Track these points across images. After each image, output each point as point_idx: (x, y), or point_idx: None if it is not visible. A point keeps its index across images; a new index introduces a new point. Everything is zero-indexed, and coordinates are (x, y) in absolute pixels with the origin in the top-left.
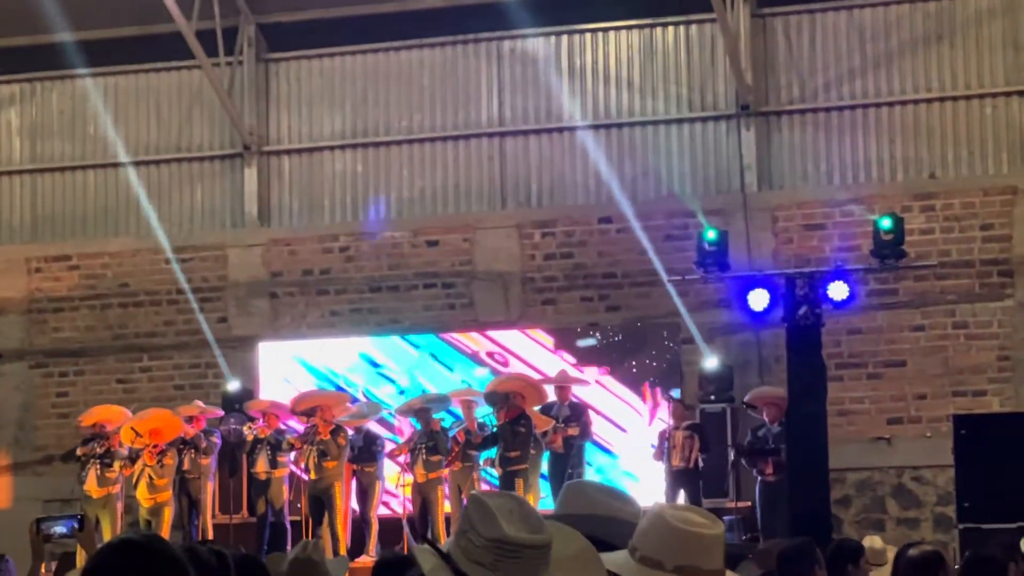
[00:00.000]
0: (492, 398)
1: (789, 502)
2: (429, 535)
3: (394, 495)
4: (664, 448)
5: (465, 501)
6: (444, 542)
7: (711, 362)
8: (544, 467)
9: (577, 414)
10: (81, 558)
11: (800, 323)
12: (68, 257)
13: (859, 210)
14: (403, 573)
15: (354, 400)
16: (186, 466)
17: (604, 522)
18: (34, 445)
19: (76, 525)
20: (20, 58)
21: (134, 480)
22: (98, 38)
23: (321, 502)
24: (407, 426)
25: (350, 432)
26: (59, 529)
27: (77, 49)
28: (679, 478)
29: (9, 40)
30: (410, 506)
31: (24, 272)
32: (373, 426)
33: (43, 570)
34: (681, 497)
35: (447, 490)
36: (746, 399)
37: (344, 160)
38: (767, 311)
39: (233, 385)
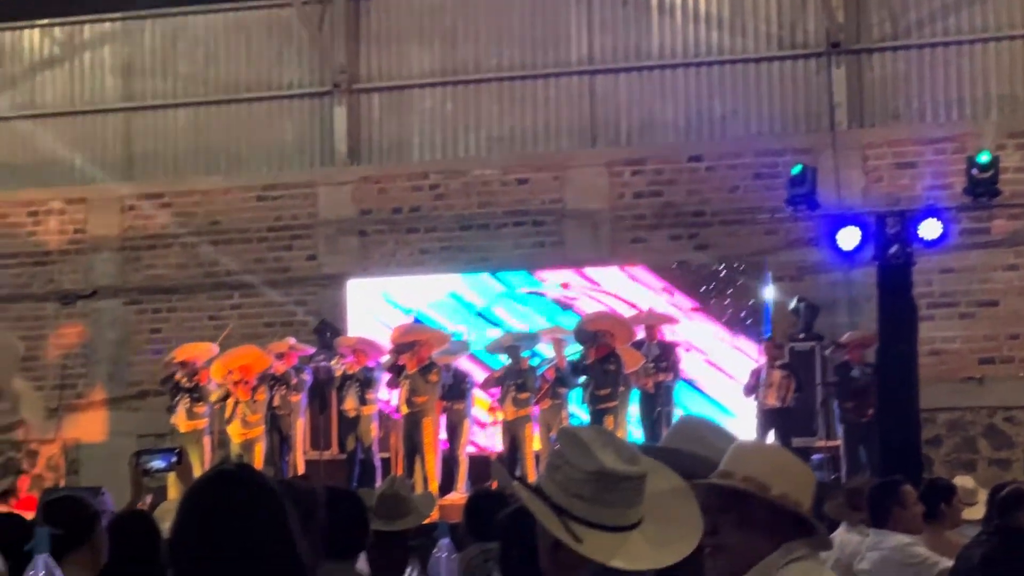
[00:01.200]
0: (581, 335)
1: (880, 441)
2: (519, 472)
3: (482, 425)
4: (756, 386)
5: (554, 438)
6: (534, 480)
7: (800, 301)
8: (633, 406)
9: (666, 353)
10: (174, 491)
11: (891, 262)
12: (160, 195)
13: (952, 148)
14: (496, 510)
15: (451, 339)
16: (277, 403)
17: (706, 463)
18: (128, 380)
19: (175, 459)
20: None
21: (227, 416)
22: None
23: (411, 439)
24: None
25: (441, 368)
26: (157, 463)
27: None
28: (771, 416)
29: None
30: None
31: (118, 210)
32: (462, 364)
33: (141, 502)
34: (771, 436)
35: (536, 428)
36: (838, 341)
37: (434, 98)
38: (857, 250)
39: (322, 322)
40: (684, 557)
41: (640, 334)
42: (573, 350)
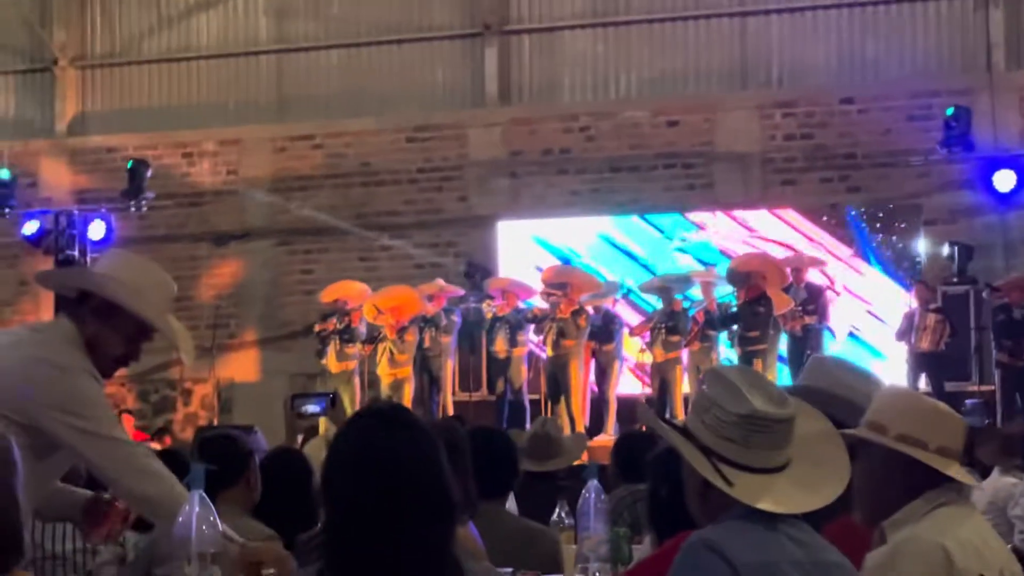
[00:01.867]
0: (733, 277)
1: None
2: (667, 414)
3: (635, 373)
4: (909, 330)
5: (702, 379)
6: (682, 420)
7: (953, 244)
8: (782, 348)
9: (814, 296)
10: (324, 428)
11: None
12: (312, 137)
13: None
14: (646, 451)
15: (603, 283)
16: (427, 343)
17: (842, 403)
18: (280, 321)
19: (328, 403)
20: None
21: (377, 356)
22: None
23: (558, 380)
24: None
25: (590, 312)
26: (311, 408)
27: None
28: (923, 361)
29: None
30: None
31: (270, 151)
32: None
33: (295, 443)
34: (923, 381)
35: (686, 369)
36: (995, 284)
37: (584, 39)
38: (1013, 192)
39: (472, 264)
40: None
41: (789, 277)
42: (724, 292)
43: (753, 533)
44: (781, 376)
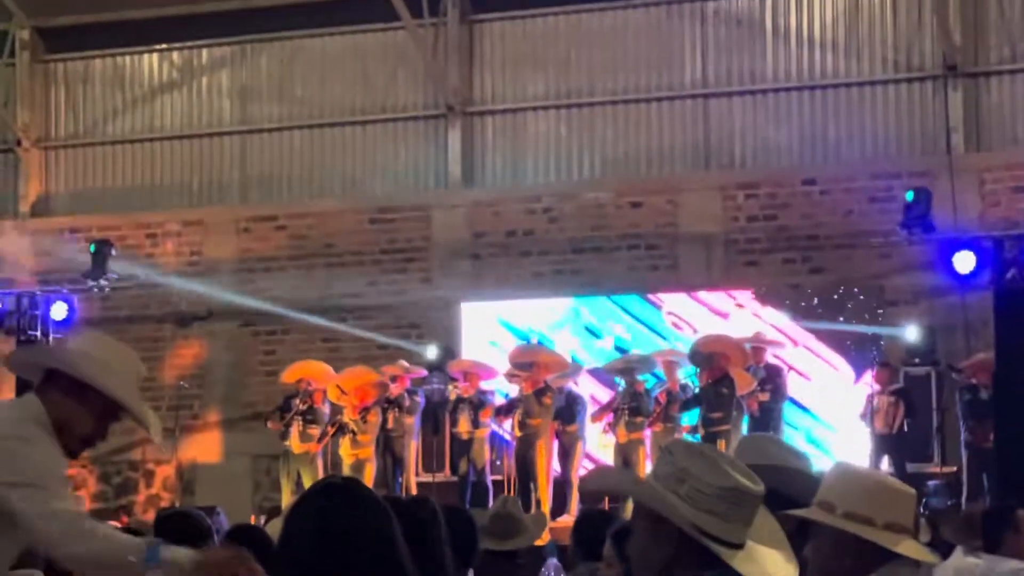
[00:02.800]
0: (696, 358)
1: (997, 467)
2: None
3: (595, 460)
4: (868, 411)
5: (665, 449)
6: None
7: (915, 325)
8: (744, 429)
9: (772, 376)
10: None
11: (1008, 286)
12: (275, 217)
13: None
14: (605, 528)
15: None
16: (390, 424)
17: (781, 473)
18: (243, 402)
19: None
20: (231, 22)
21: (338, 441)
22: (305, 1)
23: (524, 461)
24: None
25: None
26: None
27: (286, 12)
28: (883, 443)
29: (220, 4)
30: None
31: (234, 232)
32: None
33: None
34: (885, 462)
35: (649, 451)
36: (958, 365)
37: (548, 121)
38: (973, 274)
39: (435, 347)
40: None
41: (750, 358)
42: (686, 373)
43: None
44: None
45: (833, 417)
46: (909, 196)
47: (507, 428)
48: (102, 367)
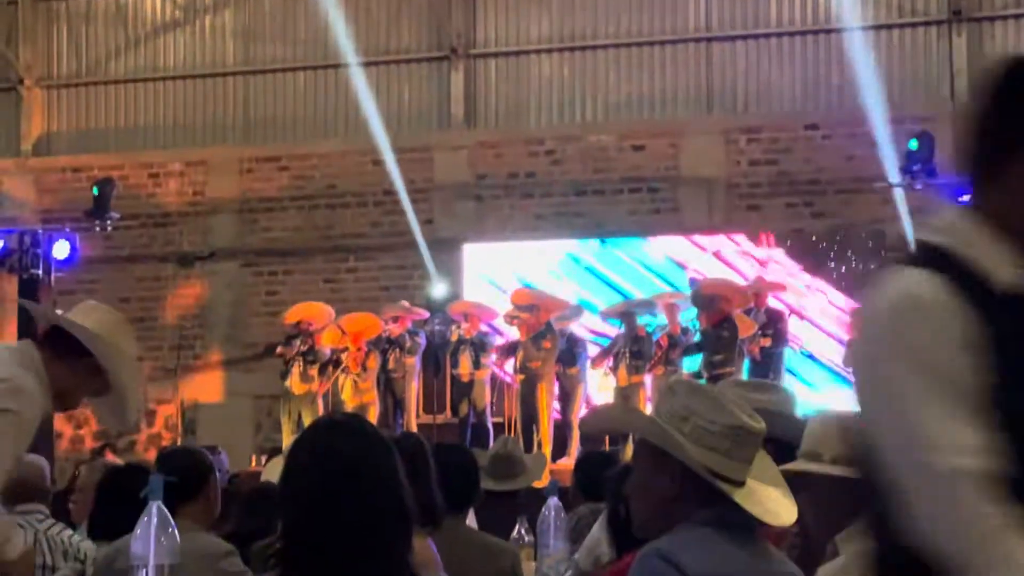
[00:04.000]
0: (697, 300)
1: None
2: (632, 440)
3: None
4: None
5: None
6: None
7: None
8: (745, 374)
9: (773, 320)
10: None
11: None
12: (278, 158)
13: None
14: (605, 469)
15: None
16: (391, 365)
17: (775, 418)
18: (245, 342)
19: None
20: None
21: (340, 384)
22: None
23: (526, 404)
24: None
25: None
26: None
27: None
28: None
29: None
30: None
31: (236, 172)
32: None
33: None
34: None
35: (649, 394)
36: None
37: (550, 64)
38: None
39: (438, 287)
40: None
41: (751, 301)
42: (686, 317)
43: (710, 544)
44: None
45: (833, 362)
46: (912, 142)
47: (508, 370)
48: (115, 352)
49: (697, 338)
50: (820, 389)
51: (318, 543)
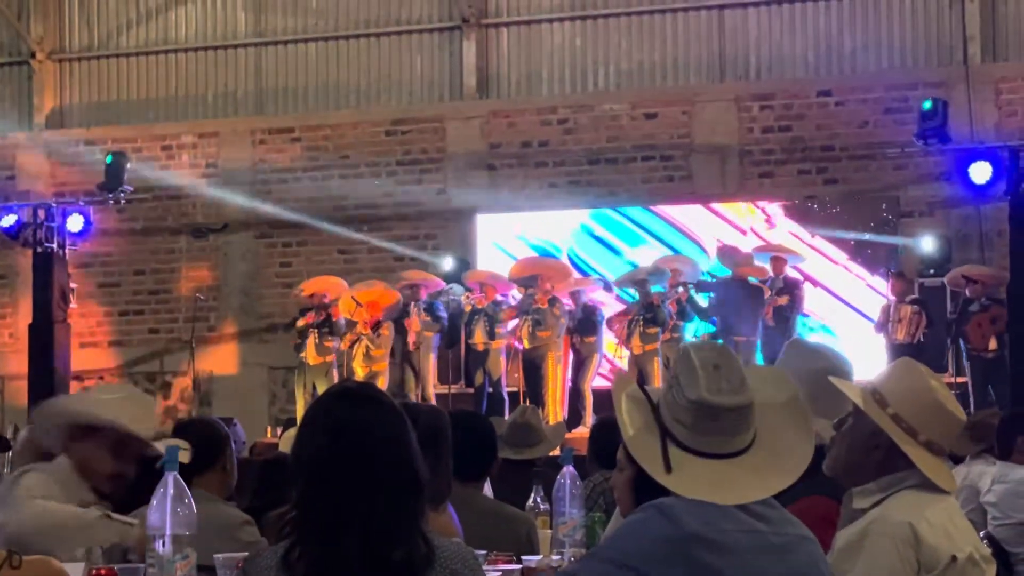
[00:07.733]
0: (723, 258)
1: (1010, 376)
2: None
3: (608, 369)
4: (886, 322)
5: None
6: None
7: (931, 236)
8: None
9: (790, 287)
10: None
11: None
12: (291, 129)
13: None
14: (620, 436)
15: (580, 272)
16: (417, 327)
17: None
18: (259, 313)
19: None
20: None
21: (353, 351)
22: None
23: (534, 374)
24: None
25: (567, 303)
26: None
27: None
28: (901, 352)
29: None
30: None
31: (249, 144)
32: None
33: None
34: None
35: (661, 360)
36: (964, 273)
37: (563, 32)
38: (989, 184)
39: (450, 259)
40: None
41: (768, 269)
42: (703, 275)
43: (712, 504)
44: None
45: (848, 328)
46: (926, 106)
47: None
48: (93, 402)
49: (705, 296)
50: None
51: (330, 511)
